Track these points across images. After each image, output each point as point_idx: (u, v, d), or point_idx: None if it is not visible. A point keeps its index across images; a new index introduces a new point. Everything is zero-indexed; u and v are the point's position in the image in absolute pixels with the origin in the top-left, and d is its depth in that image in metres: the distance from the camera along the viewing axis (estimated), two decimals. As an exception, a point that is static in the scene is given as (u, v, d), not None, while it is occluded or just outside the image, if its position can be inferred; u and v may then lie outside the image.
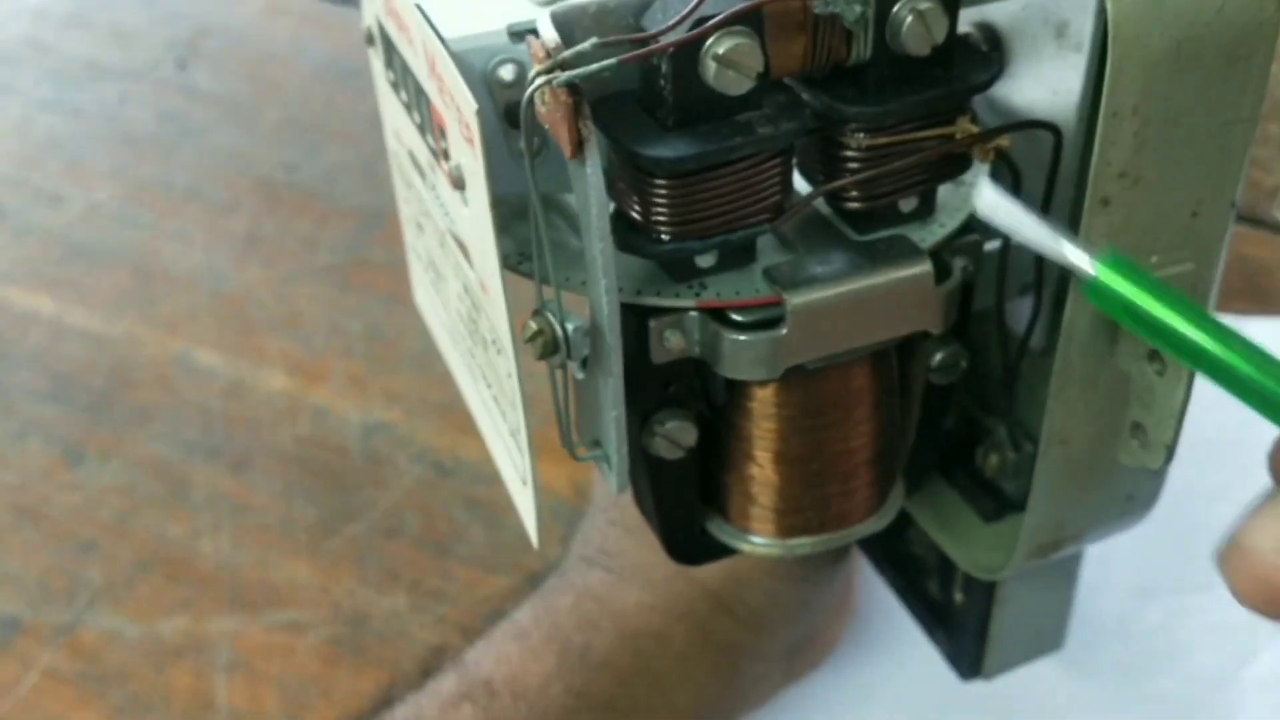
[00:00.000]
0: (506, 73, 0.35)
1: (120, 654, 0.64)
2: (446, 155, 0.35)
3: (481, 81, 0.35)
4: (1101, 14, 0.34)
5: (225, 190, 0.89)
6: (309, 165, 0.90)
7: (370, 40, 0.41)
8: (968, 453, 0.45)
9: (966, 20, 0.40)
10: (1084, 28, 0.36)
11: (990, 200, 0.33)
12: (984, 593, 0.47)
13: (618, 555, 0.52)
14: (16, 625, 0.65)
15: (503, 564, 0.65)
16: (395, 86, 0.40)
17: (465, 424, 0.72)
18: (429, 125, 0.36)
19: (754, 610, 0.52)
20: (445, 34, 0.33)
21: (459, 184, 0.34)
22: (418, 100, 0.37)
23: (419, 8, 0.33)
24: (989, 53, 0.38)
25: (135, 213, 0.89)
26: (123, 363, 0.78)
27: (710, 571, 0.51)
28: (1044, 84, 0.38)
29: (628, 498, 0.44)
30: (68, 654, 0.64)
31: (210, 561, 0.67)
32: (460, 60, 0.32)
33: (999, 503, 0.44)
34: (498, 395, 0.39)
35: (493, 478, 0.70)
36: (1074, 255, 0.32)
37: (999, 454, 0.44)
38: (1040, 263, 0.38)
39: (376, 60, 0.41)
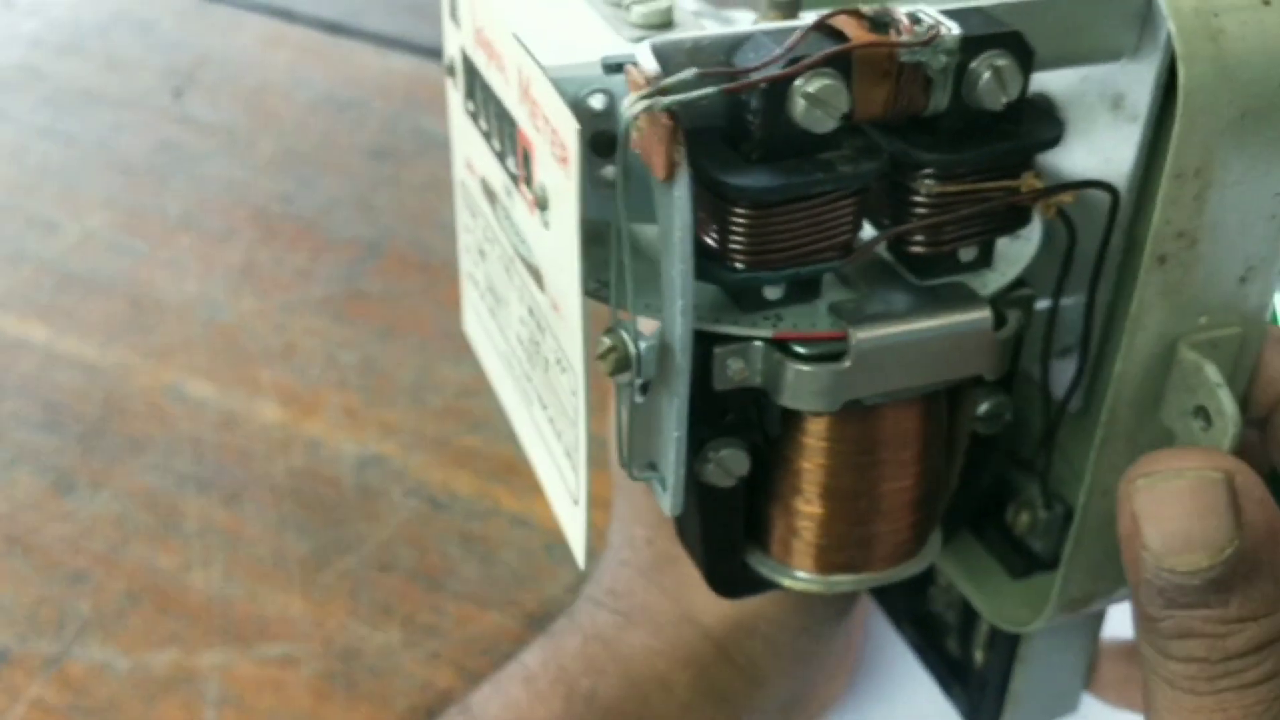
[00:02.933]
0: (597, 102, 0.36)
1: (109, 686, 0.63)
2: (529, 179, 0.36)
3: (571, 108, 0.36)
4: (1160, 87, 0.36)
5: (220, 220, 0.89)
6: (305, 196, 0.90)
7: (451, 71, 0.43)
8: (998, 510, 0.46)
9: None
10: (1140, 100, 0.37)
11: None
12: (1006, 650, 0.47)
13: (625, 596, 0.52)
14: (4, 656, 0.64)
15: (496, 600, 0.65)
16: (474, 116, 0.41)
17: (459, 458, 0.73)
18: (510, 151, 0.38)
19: (753, 660, 0.52)
20: (541, 60, 0.35)
21: (543, 204, 0.35)
22: (500, 127, 0.38)
23: (516, 37, 0.35)
24: (1055, 115, 0.40)
25: (129, 241, 0.88)
26: (115, 392, 0.78)
27: (714, 618, 0.51)
28: (1097, 153, 0.39)
29: (641, 539, 0.45)
30: (56, 686, 0.63)
31: (201, 594, 0.67)
32: (554, 88, 0.34)
33: (1028, 561, 0.45)
34: (555, 416, 0.40)
35: (486, 513, 0.70)
36: None
37: (1030, 512, 0.44)
38: (1088, 325, 0.39)
39: (455, 92, 0.43)
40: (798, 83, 0.33)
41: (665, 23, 0.37)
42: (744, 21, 0.40)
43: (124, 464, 0.73)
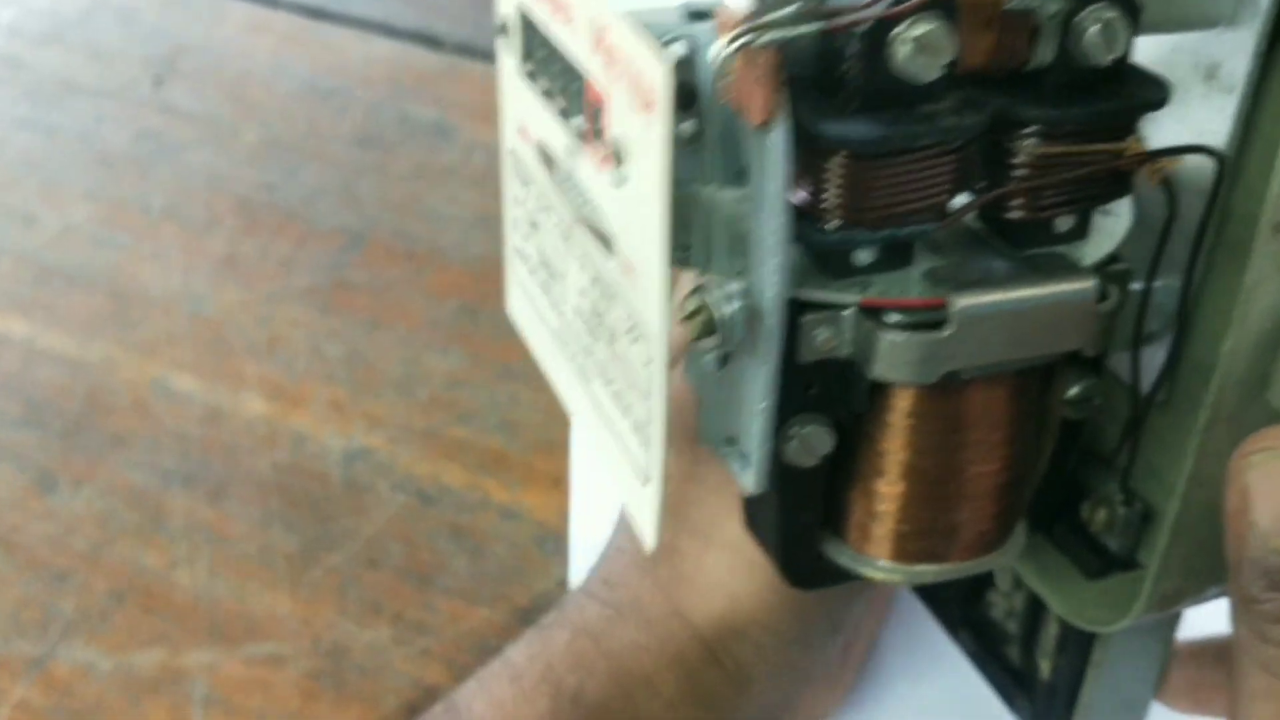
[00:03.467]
0: (680, 48, 0.34)
1: (94, 688, 0.62)
2: (599, 135, 0.34)
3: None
4: (1259, 56, 0.34)
5: (203, 211, 0.88)
6: (288, 186, 0.89)
7: (503, 30, 0.40)
8: (1071, 507, 0.44)
9: None
10: (1237, 70, 0.35)
11: None
12: (1078, 657, 0.45)
13: (618, 587, 0.51)
14: (-13, 658, 0.63)
15: (487, 595, 0.64)
16: (532, 75, 0.39)
17: (448, 450, 0.72)
18: (577, 107, 0.35)
19: (741, 664, 0.50)
20: (617, 6, 0.33)
21: (619, 158, 0.33)
22: (565, 85, 0.36)
23: None
24: (1158, 77, 0.38)
25: (111, 233, 0.87)
26: (98, 387, 0.76)
27: (705, 617, 0.50)
28: (1190, 126, 0.37)
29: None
30: (40, 688, 0.62)
31: (187, 592, 0.66)
32: (638, 29, 0.32)
33: (1104, 560, 0.43)
34: (621, 390, 0.37)
35: (476, 505, 0.69)
36: None
37: (1108, 509, 0.42)
38: (1183, 306, 0.38)
39: (508, 54, 0.41)
40: (900, 28, 0.31)
41: None
42: None
43: (107, 461, 0.72)
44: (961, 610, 0.51)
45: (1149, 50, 0.38)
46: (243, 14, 1.05)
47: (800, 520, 0.40)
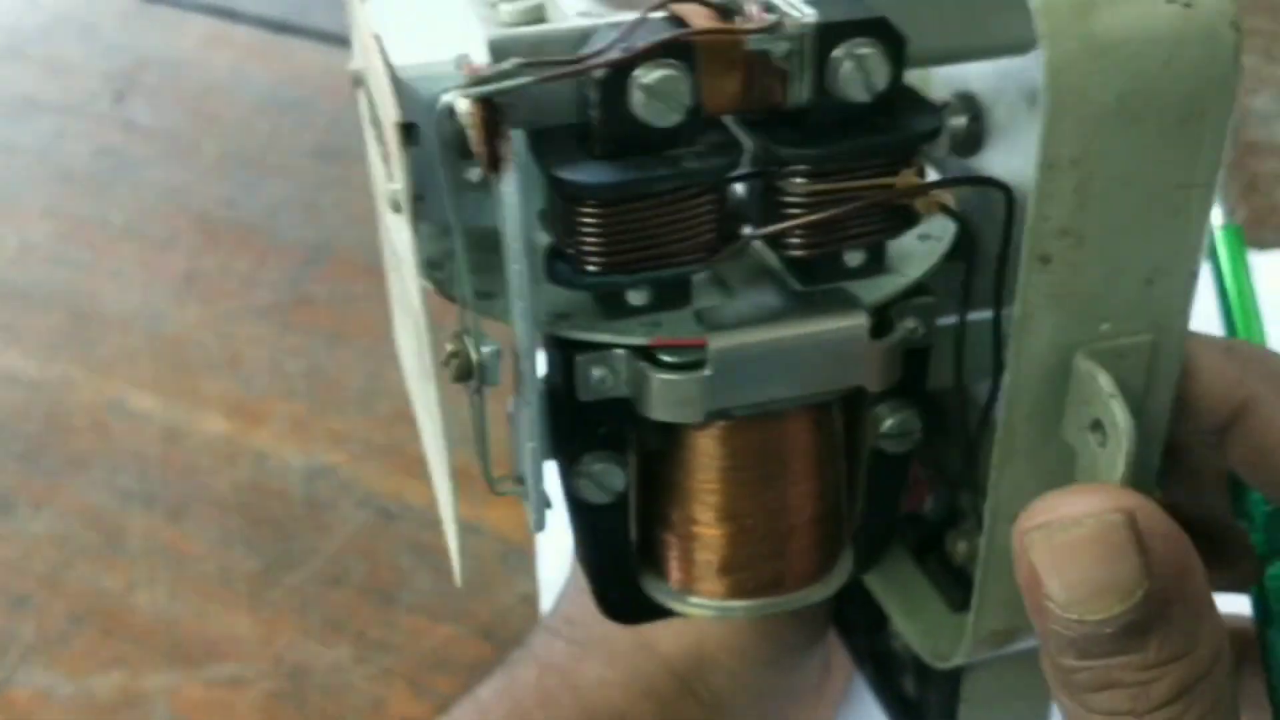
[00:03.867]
0: (447, 99, 0.34)
1: (54, 713, 0.62)
2: (391, 180, 0.35)
3: (428, 110, 0.35)
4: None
5: (163, 227, 0.87)
6: (249, 200, 0.88)
7: (357, 83, 0.41)
8: (941, 538, 0.44)
9: (949, 89, 0.40)
10: None
11: None
12: (949, 689, 0.45)
13: (581, 625, 0.51)
14: (-55, 685, 0.63)
15: (450, 612, 0.64)
16: (371, 124, 0.40)
17: (410, 466, 0.71)
18: (387, 155, 0.36)
19: (717, 693, 0.50)
20: (395, 60, 0.33)
21: (395, 206, 0.34)
22: (379, 133, 0.37)
23: (376, 37, 0.33)
24: (935, 103, 0.37)
25: (71, 251, 0.86)
26: (57, 408, 0.76)
27: (674, 648, 0.49)
28: (1018, 153, 0.37)
29: None
30: (0, 713, 0.62)
31: (147, 614, 0.65)
32: (406, 87, 0.33)
33: (967, 592, 0.42)
34: (437, 430, 0.38)
35: (439, 522, 0.68)
36: None
37: (968, 540, 0.42)
38: (996, 335, 0.37)
39: (362, 102, 0.42)
40: (636, 73, 0.31)
41: (535, 20, 0.35)
42: None
43: (66, 482, 0.71)
44: (866, 641, 0.51)
45: (982, 77, 0.38)
46: (203, 27, 1.04)
47: (607, 556, 0.40)
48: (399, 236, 0.35)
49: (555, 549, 0.64)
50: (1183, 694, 0.30)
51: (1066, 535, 0.30)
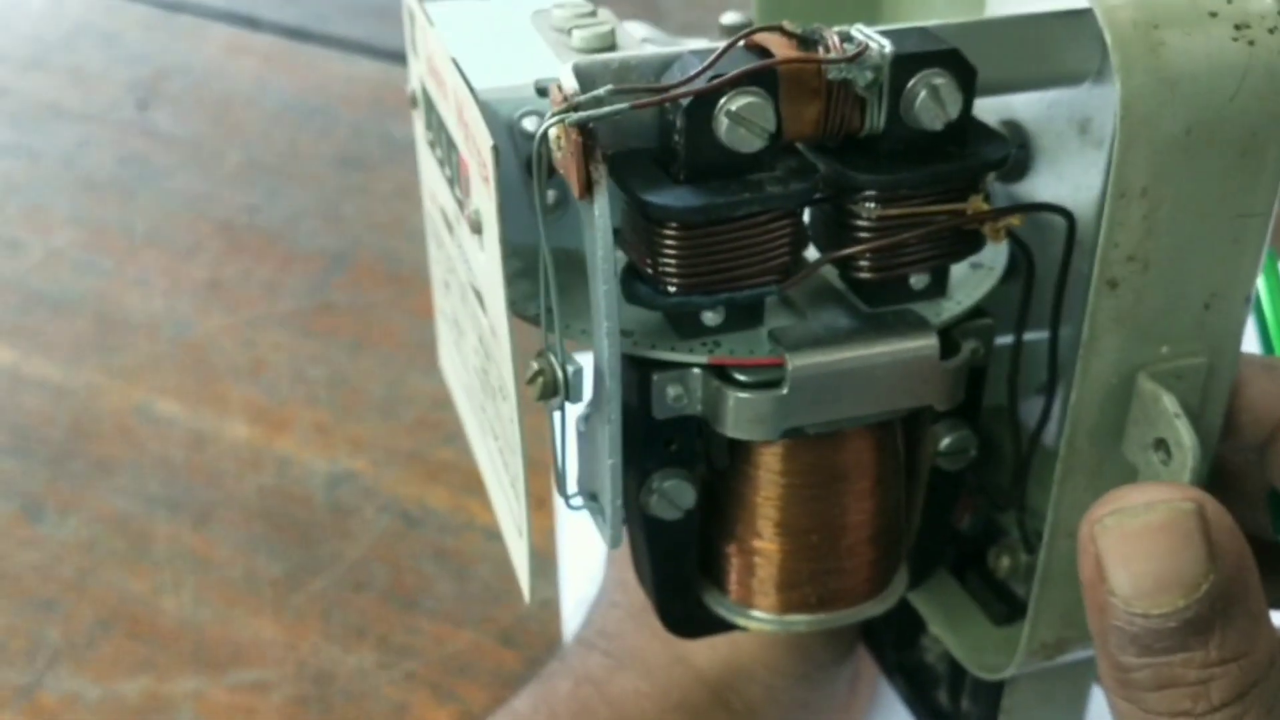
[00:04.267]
0: (530, 123, 0.36)
1: (81, 717, 0.62)
2: (469, 198, 0.36)
3: (507, 131, 0.37)
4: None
5: (187, 234, 0.88)
6: (271, 207, 0.89)
7: (414, 103, 0.42)
8: (981, 555, 0.44)
9: (995, 117, 0.40)
10: (1106, 124, 0.36)
11: None
12: (990, 701, 0.45)
13: (616, 638, 0.51)
14: (-26, 689, 0.63)
15: (472, 617, 0.64)
16: (432, 145, 0.41)
17: (433, 472, 0.72)
18: (457, 176, 0.37)
19: (750, 705, 0.50)
20: (475, 83, 0.34)
21: (476, 228, 0.35)
22: (449, 154, 0.38)
23: (454, 60, 0.34)
24: (1003, 134, 0.38)
25: (95, 259, 0.87)
26: (83, 414, 0.76)
27: (708, 661, 0.50)
28: (1066, 181, 0.38)
29: (633, 581, 0.43)
30: (28, 718, 0.62)
31: (172, 619, 0.66)
32: (487, 109, 0.33)
33: (1010, 607, 0.43)
34: (503, 446, 0.39)
35: (461, 527, 0.69)
36: None
37: (1011, 556, 0.43)
38: (1052, 356, 0.38)
39: (419, 122, 0.43)
40: (722, 101, 0.32)
41: (607, 47, 0.36)
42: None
43: (93, 487, 0.72)
44: (896, 654, 0.52)
45: (1028, 107, 0.39)
46: (224, 35, 1.05)
47: (672, 571, 0.41)
48: (477, 257, 0.36)
49: (576, 565, 0.65)
50: (1241, 695, 0.31)
51: (1137, 521, 0.31)
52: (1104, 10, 0.31)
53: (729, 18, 0.38)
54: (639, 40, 0.37)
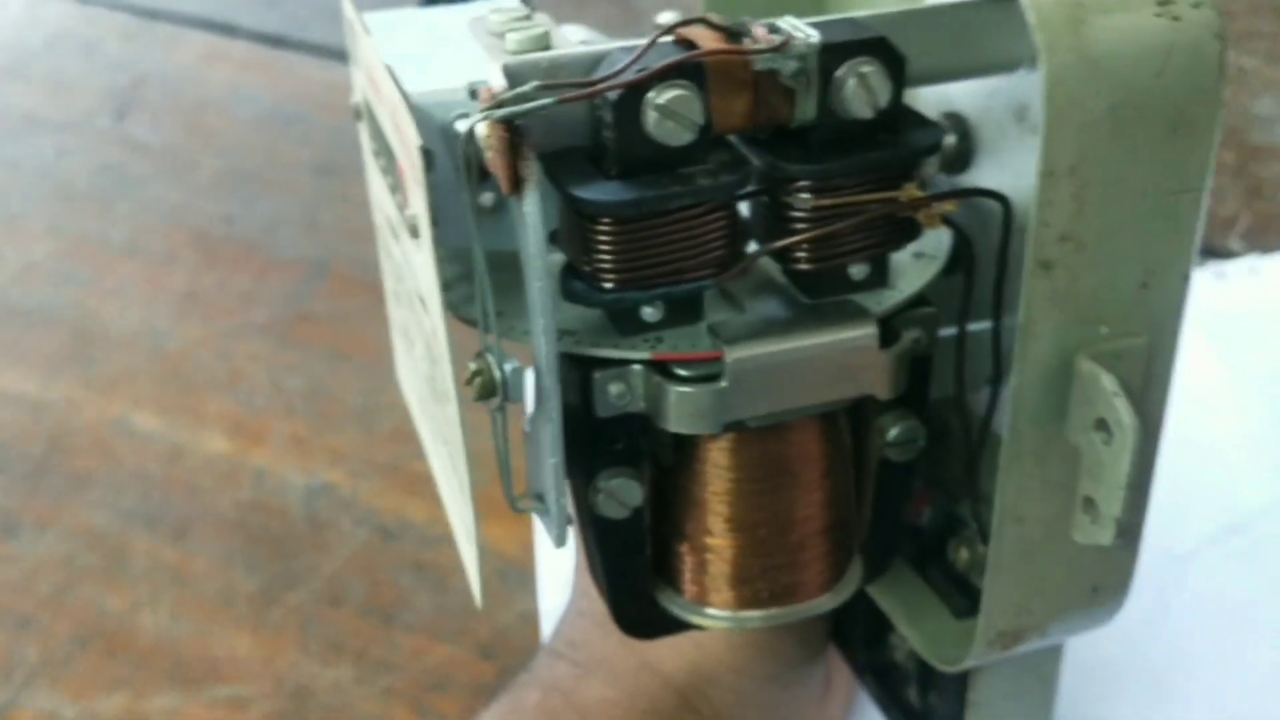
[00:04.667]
0: (464, 126, 0.35)
1: (58, 735, 0.62)
2: (407, 203, 0.36)
3: (440, 134, 0.37)
4: None
5: (163, 244, 0.88)
6: (248, 216, 0.89)
7: (359, 115, 0.42)
8: (942, 547, 0.44)
9: (936, 110, 0.40)
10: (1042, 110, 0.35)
11: None
12: (957, 696, 0.45)
13: (583, 646, 0.51)
14: (-50, 709, 0.63)
15: (450, 630, 0.64)
16: (376, 155, 0.41)
17: (411, 484, 0.71)
18: (398, 183, 0.37)
19: (719, 709, 0.50)
20: (409, 88, 0.34)
21: (414, 232, 0.34)
22: (390, 162, 0.38)
23: (388, 67, 0.34)
24: (936, 122, 0.38)
25: (72, 270, 0.87)
26: (60, 428, 0.76)
27: (675, 666, 0.49)
28: (1007, 169, 0.38)
29: (597, 590, 0.43)
30: (3, 737, 0.62)
31: (150, 635, 0.65)
32: (420, 112, 0.34)
33: (970, 599, 0.43)
34: (452, 451, 0.39)
35: (439, 540, 0.69)
36: None
37: (969, 548, 0.43)
38: (998, 348, 0.38)
39: (364, 133, 0.43)
40: (650, 94, 0.32)
41: (541, 49, 0.36)
42: None
43: (70, 503, 0.72)
44: (866, 654, 0.52)
45: (968, 96, 0.39)
46: (202, 42, 1.05)
47: (624, 571, 0.41)
48: (416, 260, 0.36)
49: (555, 576, 0.64)
50: None
51: None
52: None
53: (665, 16, 0.37)
54: (575, 43, 0.37)
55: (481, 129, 0.32)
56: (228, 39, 1.04)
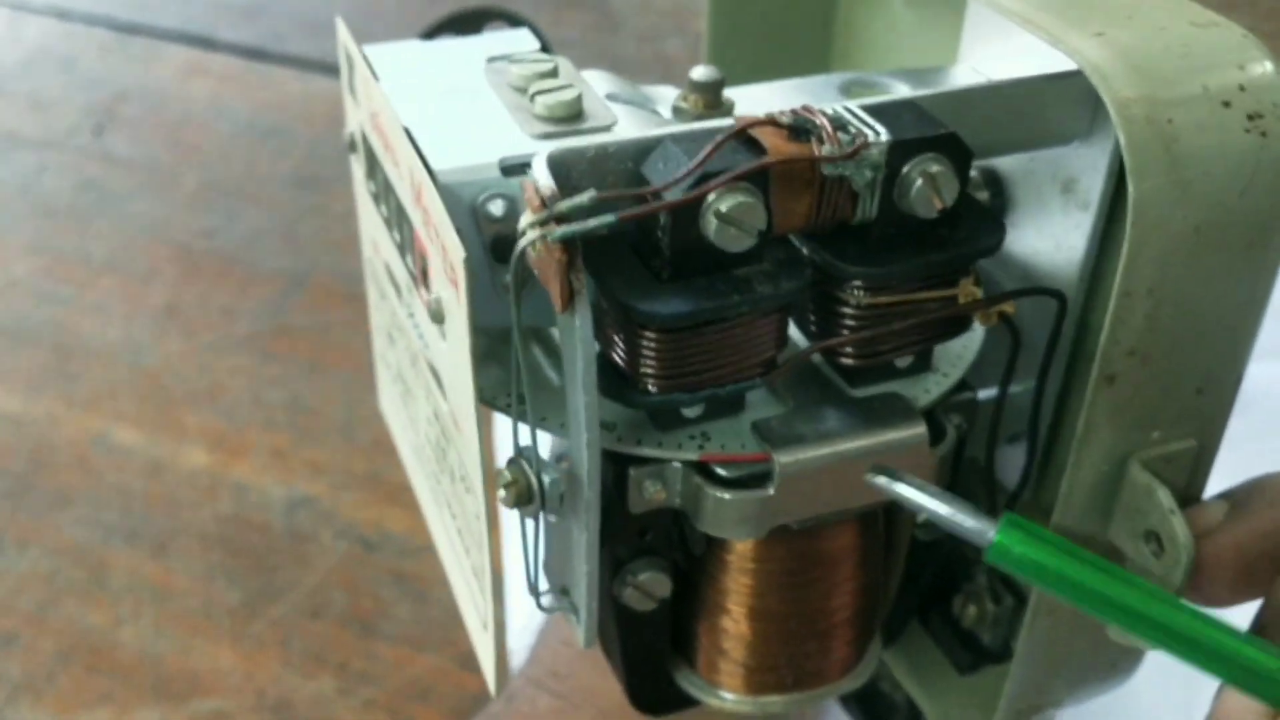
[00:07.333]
0: (496, 208, 0.33)
1: (41, 752, 0.62)
2: (426, 283, 0.33)
3: (469, 213, 0.34)
4: (1112, 175, 0.33)
5: (144, 260, 0.88)
6: (228, 230, 0.89)
7: (353, 147, 0.40)
8: (945, 600, 0.43)
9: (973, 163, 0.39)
10: (1093, 187, 0.35)
11: (882, 483, 0.33)
12: None
13: (567, 678, 0.50)
14: (-67, 727, 0.63)
15: (431, 641, 0.64)
16: (376, 199, 0.38)
17: (391, 495, 0.71)
18: (410, 248, 0.35)
19: None
20: (434, 163, 0.31)
21: (437, 318, 0.32)
22: (399, 221, 0.35)
23: (407, 132, 0.32)
24: (997, 217, 0.37)
25: (53, 287, 0.87)
26: (42, 444, 0.76)
27: None
28: (1048, 237, 0.37)
29: None
30: (-13, 755, 0.62)
31: (132, 650, 0.65)
32: (449, 192, 0.31)
33: (976, 654, 0.43)
34: (463, 530, 0.37)
35: (420, 550, 0.69)
36: (973, 523, 0.31)
37: (978, 605, 0.42)
38: (1035, 417, 0.37)
39: (358, 167, 0.40)
40: (710, 199, 0.30)
41: (573, 114, 0.34)
42: (665, 101, 0.37)
43: (52, 518, 0.72)
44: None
45: (1008, 157, 0.38)
46: (181, 57, 1.05)
47: (644, 656, 0.40)
48: (439, 344, 0.34)
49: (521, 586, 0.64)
50: None
51: None
52: (1117, 104, 0.30)
53: (699, 73, 0.35)
54: (603, 98, 0.35)
55: (535, 247, 0.29)
56: (207, 53, 1.05)
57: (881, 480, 0.33)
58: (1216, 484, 0.36)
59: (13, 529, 0.71)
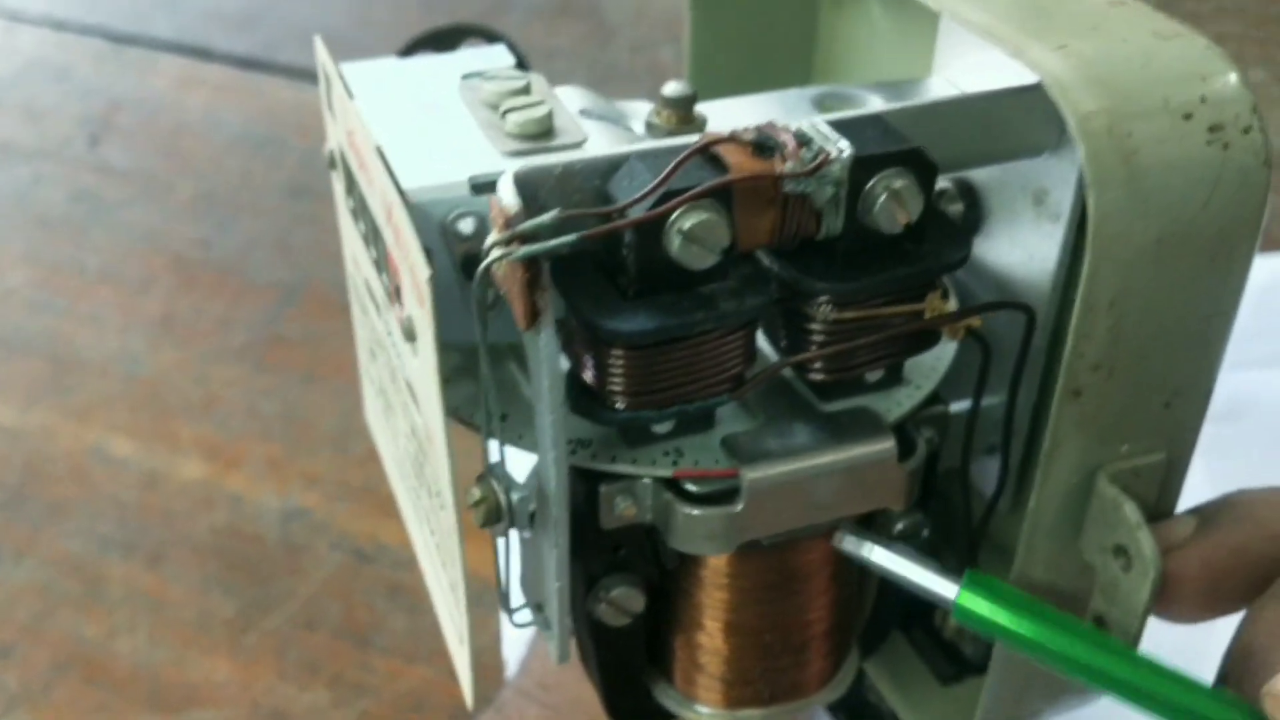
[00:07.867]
0: (466, 226, 0.33)
1: (37, 764, 0.62)
2: (400, 301, 0.33)
3: (439, 231, 0.34)
4: (1081, 189, 0.32)
5: (139, 270, 0.88)
6: (223, 240, 0.89)
7: (333, 164, 0.40)
8: (927, 612, 0.43)
9: (943, 176, 0.39)
10: (1064, 199, 0.35)
11: (848, 547, 0.35)
12: None
13: (556, 689, 0.50)
14: (-70, 740, 0.63)
15: (424, 652, 0.64)
16: (355, 215, 0.38)
17: (386, 507, 0.71)
18: (385, 265, 0.35)
19: None
20: (405, 181, 0.31)
21: (409, 336, 0.33)
22: (375, 238, 0.36)
23: (380, 151, 0.32)
24: (963, 231, 0.37)
25: (49, 298, 0.87)
26: (37, 456, 0.76)
27: None
28: (1020, 248, 0.37)
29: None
30: (-17, 767, 0.62)
31: (127, 661, 0.65)
32: (419, 210, 0.31)
33: (957, 665, 0.43)
34: (440, 544, 0.37)
35: (414, 562, 0.68)
36: (938, 585, 0.33)
37: None
38: (1008, 430, 0.37)
39: (338, 184, 0.40)
40: (673, 217, 0.30)
41: (544, 131, 0.34)
42: (639, 116, 0.37)
43: (47, 530, 0.72)
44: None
45: (982, 169, 0.38)
46: (175, 67, 1.05)
47: (620, 670, 0.40)
48: (411, 361, 0.34)
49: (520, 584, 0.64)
50: None
51: None
52: (1077, 117, 0.30)
53: (671, 88, 0.35)
54: (576, 114, 0.35)
55: (499, 265, 0.29)
56: (201, 63, 1.05)
57: (848, 543, 0.34)
58: (1209, 493, 0.36)
59: (8, 540, 0.72)
